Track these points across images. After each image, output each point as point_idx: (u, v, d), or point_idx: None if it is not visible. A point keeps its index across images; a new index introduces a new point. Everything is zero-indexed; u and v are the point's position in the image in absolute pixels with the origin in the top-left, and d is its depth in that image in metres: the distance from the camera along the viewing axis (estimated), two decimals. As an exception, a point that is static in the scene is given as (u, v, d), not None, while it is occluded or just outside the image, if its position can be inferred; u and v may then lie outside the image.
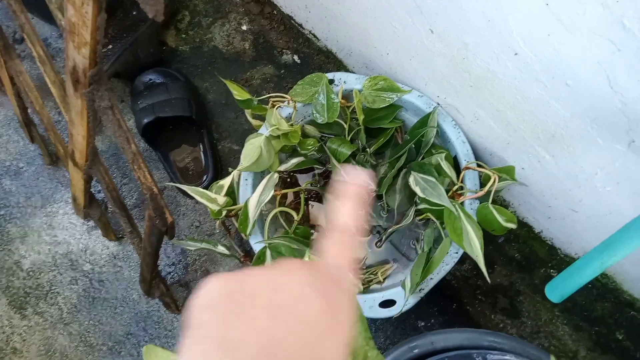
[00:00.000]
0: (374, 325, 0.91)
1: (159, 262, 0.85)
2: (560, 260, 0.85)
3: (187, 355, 0.22)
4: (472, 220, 0.67)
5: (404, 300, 0.71)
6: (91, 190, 0.85)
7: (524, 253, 0.88)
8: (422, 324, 0.88)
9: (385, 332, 0.90)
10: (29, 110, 0.96)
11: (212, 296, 0.24)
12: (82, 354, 0.95)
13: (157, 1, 0.32)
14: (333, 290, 0.25)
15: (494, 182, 0.71)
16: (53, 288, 0.98)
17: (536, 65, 0.58)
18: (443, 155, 0.73)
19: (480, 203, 0.71)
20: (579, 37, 0.51)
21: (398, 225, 0.80)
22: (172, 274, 0.98)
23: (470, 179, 0.74)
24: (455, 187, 0.74)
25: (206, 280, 0.25)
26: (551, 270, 0.86)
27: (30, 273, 0.99)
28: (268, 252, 0.71)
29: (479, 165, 0.74)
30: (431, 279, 0.71)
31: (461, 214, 0.68)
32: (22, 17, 0.57)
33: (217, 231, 0.99)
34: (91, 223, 1.01)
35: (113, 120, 0.51)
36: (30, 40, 0.60)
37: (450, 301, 0.88)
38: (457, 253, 0.72)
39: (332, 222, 0.29)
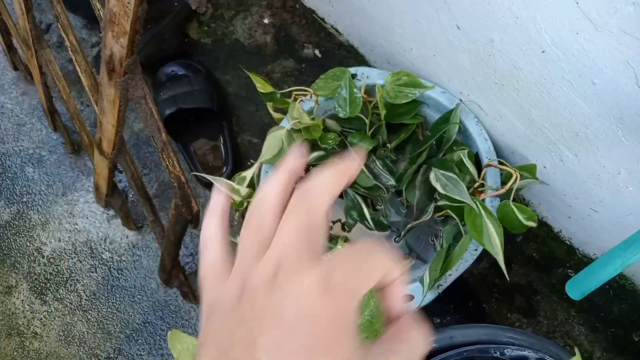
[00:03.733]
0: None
1: (178, 251, 0.86)
2: (578, 261, 0.85)
3: None
4: (493, 217, 0.68)
5: (422, 296, 0.71)
6: (114, 179, 0.87)
7: (542, 252, 0.88)
8: (438, 320, 0.88)
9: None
10: (53, 99, 0.98)
11: None
12: (99, 341, 0.96)
13: (202, -9, 0.33)
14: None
15: (516, 180, 0.71)
16: (73, 275, 1.00)
17: (563, 63, 0.58)
18: (465, 151, 0.73)
19: (501, 201, 0.71)
20: (608, 36, 0.51)
21: (417, 222, 0.80)
22: (190, 264, 0.99)
23: (492, 177, 0.74)
24: (477, 184, 0.74)
25: None
26: (569, 270, 0.86)
27: (51, 260, 1.01)
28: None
29: (500, 163, 0.74)
30: (450, 275, 0.72)
31: (482, 211, 0.68)
32: (57, 7, 0.58)
33: (236, 223, 1.00)
34: (111, 212, 1.03)
35: (146, 109, 0.52)
36: (63, 30, 0.61)
37: (467, 299, 0.89)
38: (476, 250, 0.72)
39: None
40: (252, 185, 0.80)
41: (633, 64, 0.51)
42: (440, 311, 0.88)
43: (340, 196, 0.88)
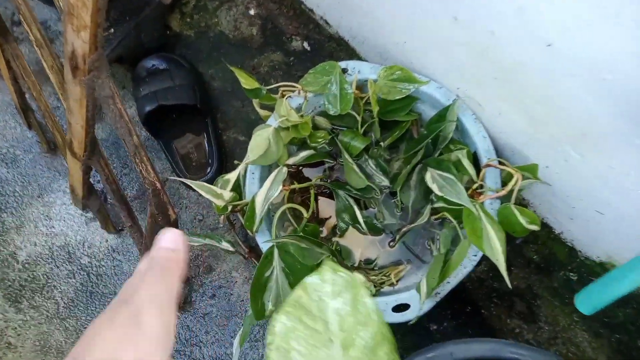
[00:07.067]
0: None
1: (160, 257, 0.81)
2: (580, 263, 0.81)
3: None
4: (493, 221, 0.63)
5: (419, 305, 0.67)
6: (90, 180, 0.82)
7: (543, 255, 0.84)
8: (435, 327, 0.84)
9: (395, 335, 0.87)
10: (27, 96, 0.92)
11: None
12: (79, 350, 0.92)
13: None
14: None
15: (517, 181, 0.67)
16: (49, 281, 0.95)
17: (571, 57, 0.53)
18: (464, 151, 0.69)
19: (501, 203, 0.67)
20: (622, 28, 0.47)
21: (412, 225, 0.76)
22: (173, 268, 0.94)
23: (491, 177, 0.70)
24: (475, 185, 0.70)
25: None
26: (570, 274, 0.82)
27: (26, 265, 0.96)
28: (276, 252, 0.67)
29: (500, 163, 0.70)
30: (448, 282, 0.68)
31: (482, 215, 0.64)
32: (16, -4, 0.53)
33: (221, 225, 0.95)
34: (90, 214, 0.97)
35: (114, 110, 0.47)
36: (26, 23, 0.56)
37: (465, 304, 0.85)
38: (475, 256, 0.68)
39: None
40: (237, 189, 0.75)
41: (648, 59, 0.47)
42: (437, 317, 0.84)
43: (332, 197, 0.83)
